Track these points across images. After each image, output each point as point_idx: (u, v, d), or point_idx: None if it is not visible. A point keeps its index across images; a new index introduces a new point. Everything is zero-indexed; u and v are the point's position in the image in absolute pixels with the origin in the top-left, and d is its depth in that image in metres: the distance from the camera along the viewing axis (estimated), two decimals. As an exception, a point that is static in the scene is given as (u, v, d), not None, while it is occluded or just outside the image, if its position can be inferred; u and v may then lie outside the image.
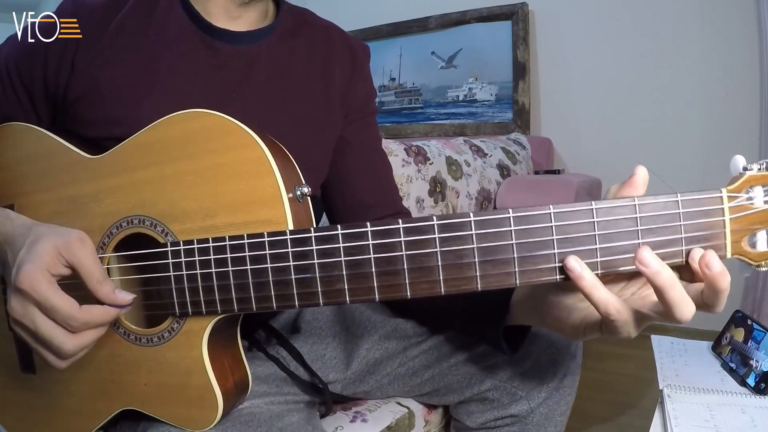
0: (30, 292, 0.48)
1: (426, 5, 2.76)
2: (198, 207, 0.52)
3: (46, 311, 0.49)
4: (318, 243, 0.45)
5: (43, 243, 0.50)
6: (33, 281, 0.48)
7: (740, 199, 0.40)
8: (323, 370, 0.73)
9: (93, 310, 0.50)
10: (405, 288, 0.43)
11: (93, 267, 0.50)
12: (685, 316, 0.40)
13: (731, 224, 0.40)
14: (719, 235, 0.40)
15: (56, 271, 0.50)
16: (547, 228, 0.41)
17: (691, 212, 0.40)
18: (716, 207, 0.40)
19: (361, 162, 0.77)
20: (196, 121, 0.53)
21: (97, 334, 0.51)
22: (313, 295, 0.46)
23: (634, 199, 0.40)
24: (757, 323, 0.92)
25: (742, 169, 0.41)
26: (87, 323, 0.49)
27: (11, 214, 0.57)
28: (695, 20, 2.18)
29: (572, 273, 0.40)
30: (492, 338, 0.58)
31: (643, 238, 0.40)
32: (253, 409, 0.61)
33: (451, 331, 0.71)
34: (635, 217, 0.40)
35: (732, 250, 0.41)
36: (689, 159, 2.22)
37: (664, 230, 0.40)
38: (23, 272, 0.48)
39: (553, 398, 0.69)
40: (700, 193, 0.40)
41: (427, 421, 0.83)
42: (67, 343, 0.49)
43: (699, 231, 0.40)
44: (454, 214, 0.42)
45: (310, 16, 0.75)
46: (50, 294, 0.48)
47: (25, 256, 0.50)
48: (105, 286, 0.50)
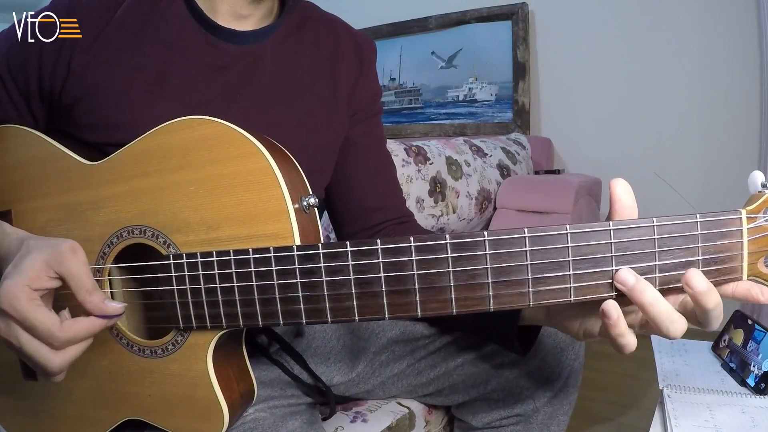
0: (9, 311, 0.47)
1: (426, 5, 2.75)
2: (200, 219, 0.51)
3: (27, 329, 0.47)
4: (326, 260, 0.44)
5: (31, 257, 0.49)
6: (12, 299, 0.46)
7: (759, 220, 0.39)
8: (327, 373, 0.73)
9: (75, 325, 0.48)
10: (416, 307, 0.42)
11: (83, 277, 0.49)
12: (672, 333, 0.41)
13: (749, 246, 0.39)
14: (736, 257, 0.40)
15: (40, 285, 0.48)
16: (563, 249, 0.40)
17: (709, 234, 0.40)
18: (735, 229, 0.40)
19: (366, 165, 0.76)
20: (197, 129, 0.52)
21: (83, 347, 0.50)
22: (321, 313, 0.45)
23: (652, 219, 0.40)
24: (758, 323, 0.91)
25: (761, 186, 0.40)
26: (69, 341, 0.48)
27: (7, 229, 0.56)
28: (695, 20, 2.18)
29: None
30: (504, 338, 0.57)
31: (660, 259, 0.39)
32: (257, 415, 0.61)
33: (461, 332, 0.70)
34: (653, 238, 0.40)
35: (748, 271, 0.40)
36: (689, 159, 2.23)
37: (681, 252, 0.40)
38: (3, 289, 0.47)
39: (557, 397, 0.69)
40: (719, 213, 0.39)
41: (427, 422, 0.82)
42: (52, 360, 0.48)
43: (716, 253, 0.40)
44: (467, 233, 0.41)
45: (315, 10, 0.73)
46: (29, 312, 0.47)
47: (9, 272, 0.48)
48: (94, 296, 0.49)
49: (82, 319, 0.49)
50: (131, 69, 0.60)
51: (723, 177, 2.10)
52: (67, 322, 0.48)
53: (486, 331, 0.63)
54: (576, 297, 0.41)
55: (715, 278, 0.40)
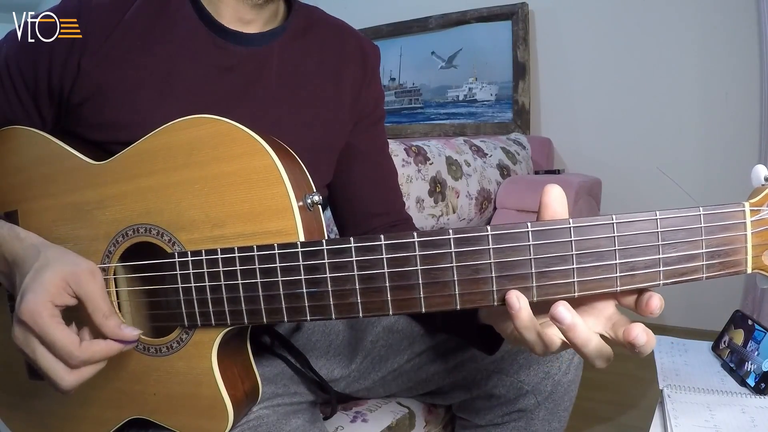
0: (31, 325, 0.47)
1: (426, 5, 2.75)
2: (205, 216, 0.52)
3: (46, 345, 0.48)
4: (330, 256, 0.45)
5: (51, 271, 0.49)
6: (34, 313, 0.47)
7: (762, 212, 0.39)
8: (328, 366, 0.73)
9: (94, 346, 0.49)
10: (419, 302, 0.43)
11: (100, 301, 0.49)
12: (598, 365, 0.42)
13: (753, 239, 0.40)
14: (740, 250, 0.40)
15: (61, 302, 0.49)
16: (566, 243, 0.40)
17: (712, 227, 0.40)
18: (738, 221, 0.40)
19: (368, 171, 0.77)
20: (202, 128, 0.52)
21: (97, 368, 0.50)
22: (325, 309, 0.46)
23: (655, 213, 0.40)
24: (758, 323, 0.92)
25: (764, 179, 0.40)
26: (86, 361, 0.49)
27: (20, 233, 0.55)
28: (695, 20, 2.18)
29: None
30: (470, 337, 0.58)
31: (663, 252, 0.39)
32: (261, 413, 0.61)
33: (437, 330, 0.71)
34: (656, 231, 0.39)
35: (753, 264, 0.40)
36: (689, 159, 2.23)
37: (685, 245, 0.40)
38: (26, 303, 0.47)
39: (557, 392, 0.69)
40: (722, 206, 0.40)
41: (427, 422, 0.82)
42: (65, 379, 0.48)
43: (720, 246, 0.40)
44: (471, 228, 0.41)
45: (321, 15, 0.74)
46: (51, 328, 0.47)
47: (30, 284, 0.49)
48: (111, 321, 0.50)
49: (100, 342, 0.49)
50: (139, 70, 0.61)
51: (723, 177, 2.10)
52: (86, 342, 0.49)
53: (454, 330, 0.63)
54: (580, 291, 0.41)
55: (719, 271, 0.40)
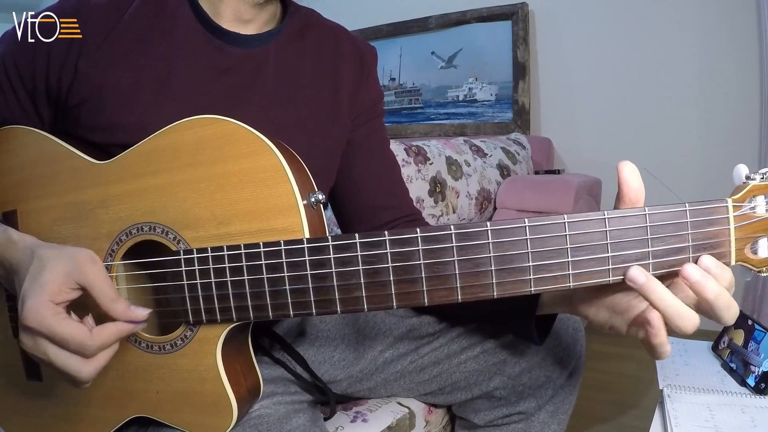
0: (37, 327, 0.47)
1: (426, 5, 2.76)
2: (211, 215, 0.52)
3: (57, 343, 0.48)
4: (335, 251, 0.46)
5: (49, 270, 0.49)
6: (38, 317, 0.47)
7: (744, 208, 0.42)
8: (331, 372, 0.73)
9: (105, 330, 0.49)
10: (423, 296, 0.44)
11: (105, 286, 0.50)
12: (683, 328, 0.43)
13: (735, 233, 0.42)
14: (724, 243, 0.42)
15: (62, 299, 0.49)
16: (561, 237, 0.42)
17: (698, 221, 0.42)
18: (722, 216, 0.42)
19: (370, 165, 0.77)
20: (207, 128, 0.53)
21: (112, 352, 0.51)
22: (331, 303, 0.46)
23: (644, 209, 0.42)
24: (758, 323, 0.92)
25: (745, 178, 0.43)
26: (101, 347, 0.49)
27: (14, 236, 0.55)
28: (695, 20, 2.19)
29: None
30: (522, 327, 0.59)
31: (653, 246, 0.42)
32: (262, 411, 0.61)
33: (473, 324, 0.71)
34: (645, 226, 0.42)
35: (736, 257, 0.43)
36: (689, 159, 2.23)
37: (672, 239, 0.42)
38: (27, 308, 0.47)
39: (558, 396, 0.70)
40: (706, 202, 0.42)
41: (427, 422, 0.83)
42: (83, 370, 0.49)
43: (705, 239, 0.42)
44: (471, 223, 0.42)
45: (316, 18, 0.74)
46: (58, 325, 0.47)
47: (29, 288, 0.49)
48: (119, 305, 0.50)
49: (110, 325, 0.50)
50: (137, 71, 0.61)
51: (723, 177, 2.09)
52: (96, 329, 0.49)
53: (502, 320, 0.64)
54: (575, 283, 0.43)
55: None
